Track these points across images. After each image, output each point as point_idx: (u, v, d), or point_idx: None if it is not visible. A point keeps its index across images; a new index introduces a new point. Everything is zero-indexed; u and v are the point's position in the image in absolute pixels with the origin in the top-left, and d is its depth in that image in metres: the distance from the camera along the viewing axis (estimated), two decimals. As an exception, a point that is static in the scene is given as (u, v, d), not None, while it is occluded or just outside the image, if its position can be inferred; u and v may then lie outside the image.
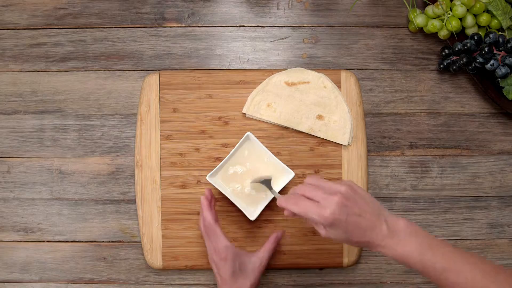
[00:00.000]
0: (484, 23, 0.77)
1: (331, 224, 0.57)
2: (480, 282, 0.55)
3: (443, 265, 0.56)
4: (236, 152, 0.76)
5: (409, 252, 0.57)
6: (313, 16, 0.83)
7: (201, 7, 0.83)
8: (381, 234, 0.58)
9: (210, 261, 0.72)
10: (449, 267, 0.56)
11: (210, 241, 0.71)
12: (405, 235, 0.58)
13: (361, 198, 0.59)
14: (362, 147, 0.79)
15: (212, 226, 0.71)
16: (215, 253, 0.70)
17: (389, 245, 0.58)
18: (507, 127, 0.82)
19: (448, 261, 0.56)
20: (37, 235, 0.81)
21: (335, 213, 0.57)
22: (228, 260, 0.69)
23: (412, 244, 0.57)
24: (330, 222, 0.57)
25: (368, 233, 0.58)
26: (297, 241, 0.79)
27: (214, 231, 0.71)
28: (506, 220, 0.82)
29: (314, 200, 0.59)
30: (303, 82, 0.79)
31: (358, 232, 0.58)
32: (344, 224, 0.57)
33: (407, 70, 0.83)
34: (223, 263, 0.69)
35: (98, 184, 0.81)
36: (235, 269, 0.69)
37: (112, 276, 0.81)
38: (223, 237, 0.70)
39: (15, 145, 0.82)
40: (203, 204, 0.72)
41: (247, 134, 0.75)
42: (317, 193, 0.59)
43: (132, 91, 0.82)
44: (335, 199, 0.57)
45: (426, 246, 0.57)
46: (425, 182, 0.82)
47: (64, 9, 0.83)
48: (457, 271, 0.56)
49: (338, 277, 0.81)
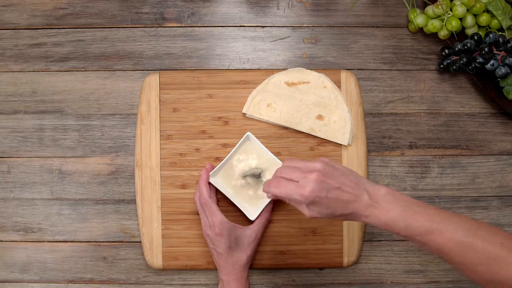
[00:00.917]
0: (484, 23, 0.77)
1: (312, 202, 0.58)
2: (464, 239, 0.56)
3: (427, 227, 0.57)
4: (240, 152, 0.76)
5: (393, 218, 0.57)
6: (313, 16, 0.83)
7: (201, 7, 0.83)
8: (363, 204, 0.58)
9: (204, 235, 0.73)
10: (433, 229, 0.56)
11: (205, 215, 0.72)
12: (387, 202, 0.58)
13: (338, 172, 0.60)
14: (362, 147, 0.79)
15: (207, 201, 0.72)
16: (210, 228, 0.71)
17: (373, 214, 0.58)
18: (507, 127, 0.82)
19: (432, 223, 0.57)
20: (37, 235, 0.81)
21: (315, 190, 0.57)
22: (224, 235, 0.70)
23: (396, 210, 0.58)
24: (311, 200, 0.57)
25: (351, 205, 0.58)
26: (297, 241, 0.79)
27: (210, 206, 0.72)
28: (506, 220, 0.82)
29: (293, 181, 0.59)
30: (303, 82, 0.79)
31: (340, 206, 0.58)
32: (325, 200, 0.58)
33: (407, 70, 0.83)
34: (219, 238, 0.70)
35: (98, 184, 0.81)
36: (231, 243, 0.71)
37: (112, 276, 0.81)
38: (218, 212, 0.71)
39: (15, 145, 0.82)
40: (202, 177, 0.73)
41: (247, 134, 0.75)
42: (295, 174, 0.60)
43: (132, 91, 0.82)
44: (313, 176, 0.58)
45: (410, 211, 0.58)
46: (425, 182, 0.82)
47: (64, 9, 0.83)
48: (441, 231, 0.56)
49: (338, 277, 0.81)
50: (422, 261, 0.81)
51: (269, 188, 0.62)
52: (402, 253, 0.81)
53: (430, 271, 0.81)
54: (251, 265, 0.77)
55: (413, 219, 0.57)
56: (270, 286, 0.81)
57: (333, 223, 0.78)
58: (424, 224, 0.57)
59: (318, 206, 0.58)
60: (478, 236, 0.56)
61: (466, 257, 0.56)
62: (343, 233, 0.78)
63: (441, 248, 0.57)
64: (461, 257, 0.56)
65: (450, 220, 0.57)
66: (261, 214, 0.75)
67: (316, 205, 0.58)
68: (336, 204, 0.58)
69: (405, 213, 0.57)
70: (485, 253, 0.55)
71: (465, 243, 0.55)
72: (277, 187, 0.60)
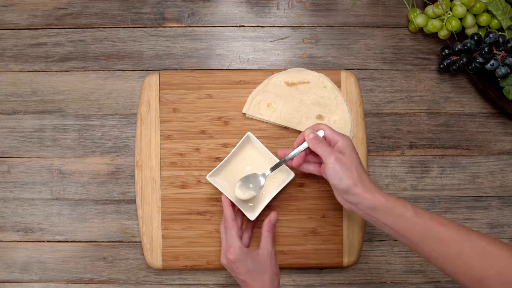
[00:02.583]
0: (484, 23, 0.77)
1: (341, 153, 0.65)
2: (456, 242, 0.57)
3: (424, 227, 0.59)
4: (240, 152, 0.76)
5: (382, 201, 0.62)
6: (313, 16, 0.83)
7: (201, 7, 0.83)
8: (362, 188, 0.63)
9: (223, 263, 0.72)
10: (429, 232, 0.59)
11: (225, 239, 0.72)
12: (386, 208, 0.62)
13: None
14: (362, 147, 0.79)
15: (229, 223, 0.72)
16: (225, 255, 0.71)
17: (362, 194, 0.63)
18: (507, 127, 0.82)
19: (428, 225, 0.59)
20: (37, 235, 0.81)
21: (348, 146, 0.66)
22: (238, 261, 0.70)
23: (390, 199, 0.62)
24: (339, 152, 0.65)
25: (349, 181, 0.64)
26: (297, 241, 0.79)
27: (231, 229, 0.72)
28: (506, 220, 0.82)
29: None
30: (303, 82, 0.79)
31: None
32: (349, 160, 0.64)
33: (407, 70, 0.83)
34: (236, 264, 0.70)
35: (98, 184, 0.81)
36: (248, 267, 0.70)
37: (112, 276, 0.81)
38: (237, 239, 0.71)
39: (15, 145, 0.82)
40: (223, 202, 0.73)
41: (247, 134, 0.75)
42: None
43: (132, 91, 0.82)
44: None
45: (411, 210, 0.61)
46: (425, 182, 0.82)
47: (64, 9, 0.83)
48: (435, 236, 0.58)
49: (338, 277, 0.81)
50: (422, 261, 0.81)
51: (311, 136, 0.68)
52: (402, 253, 0.81)
53: (430, 271, 0.81)
54: None
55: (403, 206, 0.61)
56: (270, 286, 0.81)
57: (333, 223, 0.78)
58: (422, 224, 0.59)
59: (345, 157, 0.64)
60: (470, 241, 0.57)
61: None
62: (343, 233, 0.78)
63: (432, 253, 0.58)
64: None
65: (447, 225, 0.59)
66: (263, 233, 0.73)
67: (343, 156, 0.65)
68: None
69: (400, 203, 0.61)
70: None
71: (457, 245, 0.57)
72: (317, 142, 0.67)
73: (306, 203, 0.79)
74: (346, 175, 0.63)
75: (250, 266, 0.70)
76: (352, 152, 0.65)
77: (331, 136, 0.67)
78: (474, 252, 0.56)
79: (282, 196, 0.78)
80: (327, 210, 0.79)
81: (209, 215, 0.79)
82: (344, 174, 0.63)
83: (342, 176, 0.63)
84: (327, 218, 0.79)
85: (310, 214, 0.79)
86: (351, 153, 0.65)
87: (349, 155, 0.64)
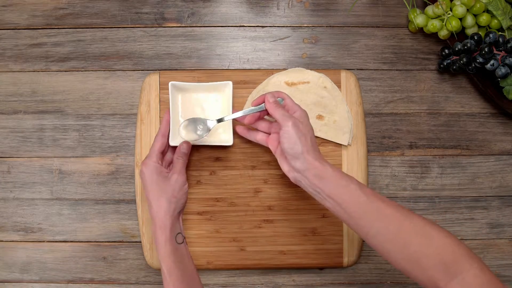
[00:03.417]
0: (484, 23, 0.77)
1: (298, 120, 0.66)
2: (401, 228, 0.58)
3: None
4: (213, 90, 0.77)
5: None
6: (313, 16, 0.83)
7: (201, 7, 0.83)
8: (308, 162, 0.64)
9: (140, 175, 0.74)
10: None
11: (150, 150, 0.75)
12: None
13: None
14: (362, 147, 0.79)
15: (158, 137, 0.74)
16: (142, 163, 0.73)
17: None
18: (507, 127, 0.82)
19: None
20: (37, 235, 0.81)
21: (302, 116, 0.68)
22: (147, 174, 0.72)
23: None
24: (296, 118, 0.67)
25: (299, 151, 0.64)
26: (297, 241, 0.79)
27: (157, 143, 0.74)
28: (506, 220, 0.82)
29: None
30: (303, 82, 0.79)
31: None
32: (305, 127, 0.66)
33: (407, 70, 0.83)
34: (144, 178, 0.72)
35: (98, 184, 0.81)
36: (154, 185, 0.72)
37: (112, 276, 0.81)
38: (157, 153, 0.73)
39: (15, 145, 0.82)
40: (164, 118, 0.76)
41: (229, 83, 0.76)
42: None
43: (132, 91, 0.82)
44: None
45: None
46: (425, 182, 0.82)
47: (64, 9, 0.83)
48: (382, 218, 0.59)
49: (338, 277, 0.81)
50: (422, 261, 0.81)
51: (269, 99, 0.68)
52: (402, 253, 0.81)
53: (430, 271, 0.81)
54: (251, 265, 0.77)
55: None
56: (270, 286, 0.81)
57: (333, 223, 0.78)
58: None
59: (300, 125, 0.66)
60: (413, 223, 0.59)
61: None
62: (343, 233, 0.78)
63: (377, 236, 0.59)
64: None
65: (397, 209, 0.60)
66: (173, 158, 0.75)
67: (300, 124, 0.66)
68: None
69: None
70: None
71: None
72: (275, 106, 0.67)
73: (306, 203, 0.79)
74: (300, 140, 0.64)
75: (155, 185, 0.72)
76: (308, 123, 0.67)
77: (290, 105, 0.69)
78: (414, 230, 0.57)
79: (282, 196, 0.78)
80: (327, 210, 0.79)
81: (209, 215, 0.79)
82: (299, 140, 0.64)
83: (296, 140, 0.64)
84: (327, 218, 0.79)
85: (310, 214, 0.79)
86: (307, 123, 0.67)
87: (306, 125, 0.66)
